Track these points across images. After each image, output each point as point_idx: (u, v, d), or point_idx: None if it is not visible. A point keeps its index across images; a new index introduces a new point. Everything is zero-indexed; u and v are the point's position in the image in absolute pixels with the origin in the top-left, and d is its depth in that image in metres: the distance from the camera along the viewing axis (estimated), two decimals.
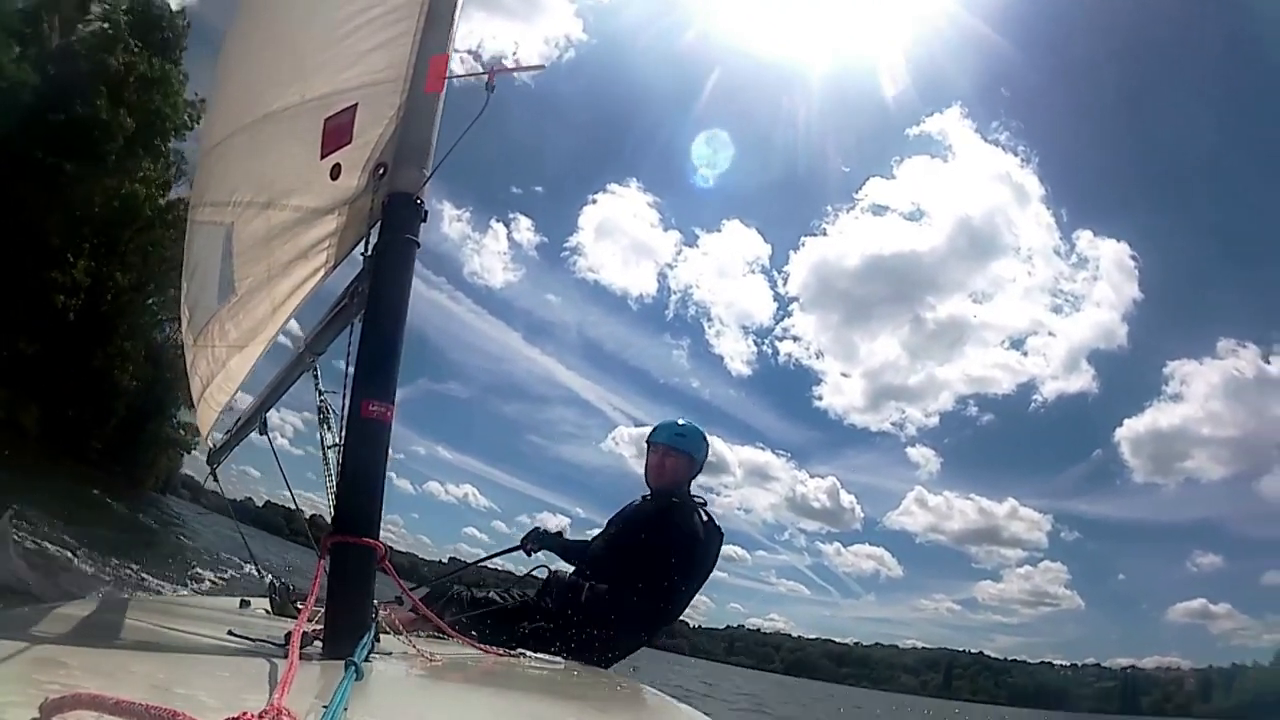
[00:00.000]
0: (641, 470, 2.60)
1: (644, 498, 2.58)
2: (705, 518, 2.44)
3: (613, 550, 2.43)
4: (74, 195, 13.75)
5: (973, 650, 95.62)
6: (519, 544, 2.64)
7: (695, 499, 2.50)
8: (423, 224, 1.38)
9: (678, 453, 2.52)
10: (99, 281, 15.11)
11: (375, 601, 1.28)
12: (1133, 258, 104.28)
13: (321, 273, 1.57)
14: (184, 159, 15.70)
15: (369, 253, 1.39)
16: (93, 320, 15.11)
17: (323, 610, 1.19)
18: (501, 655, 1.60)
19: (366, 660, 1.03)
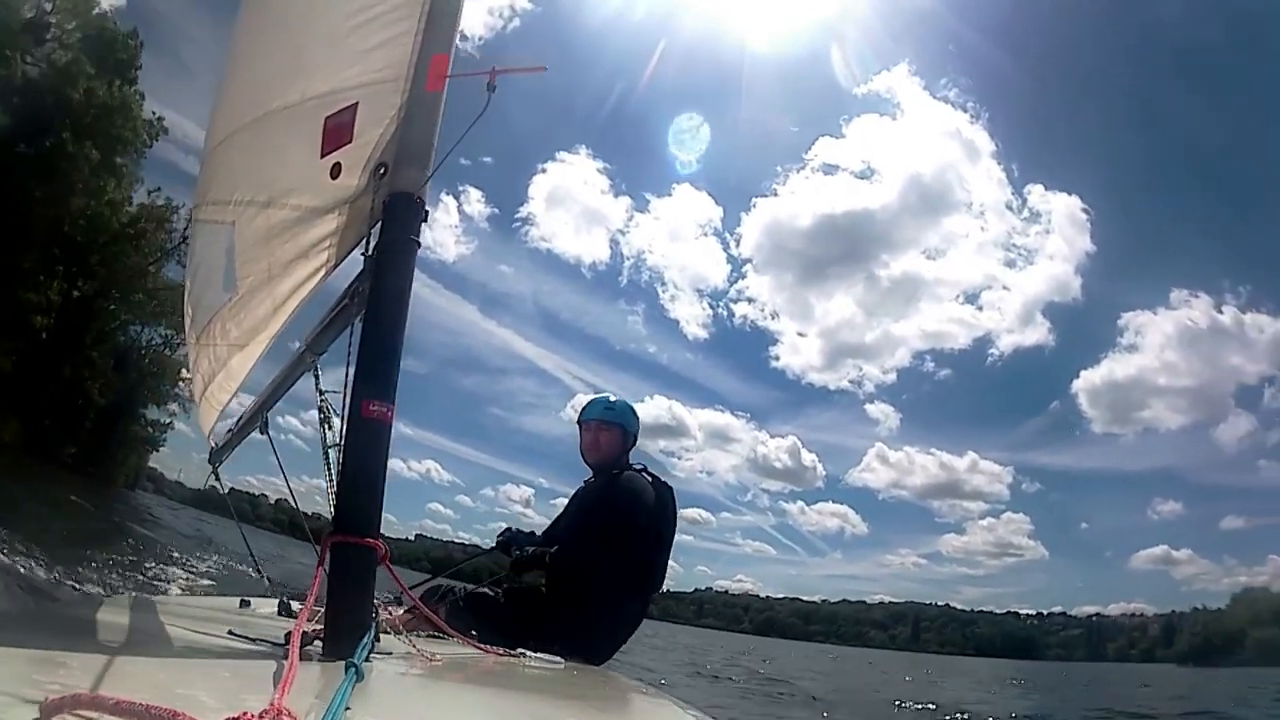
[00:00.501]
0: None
1: (586, 481, 2.62)
2: (650, 477, 2.48)
3: (575, 534, 2.43)
4: (44, 219, 15.01)
5: (940, 603, 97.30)
6: (494, 546, 2.62)
7: (635, 466, 2.54)
8: (424, 224, 1.38)
9: (610, 425, 2.58)
10: (67, 296, 16.28)
11: (375, 601, 1.28)
12: (1084, 211, 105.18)
13: (322, 272, 1.57)
14: (141, 177, 17.07)
15: (369, 252, 1.39)
16: (62, 333, 16.30)
17: (323, 610, 1.19)
18: (501, 655, 1.59)
19: (367, 660, 1.03)
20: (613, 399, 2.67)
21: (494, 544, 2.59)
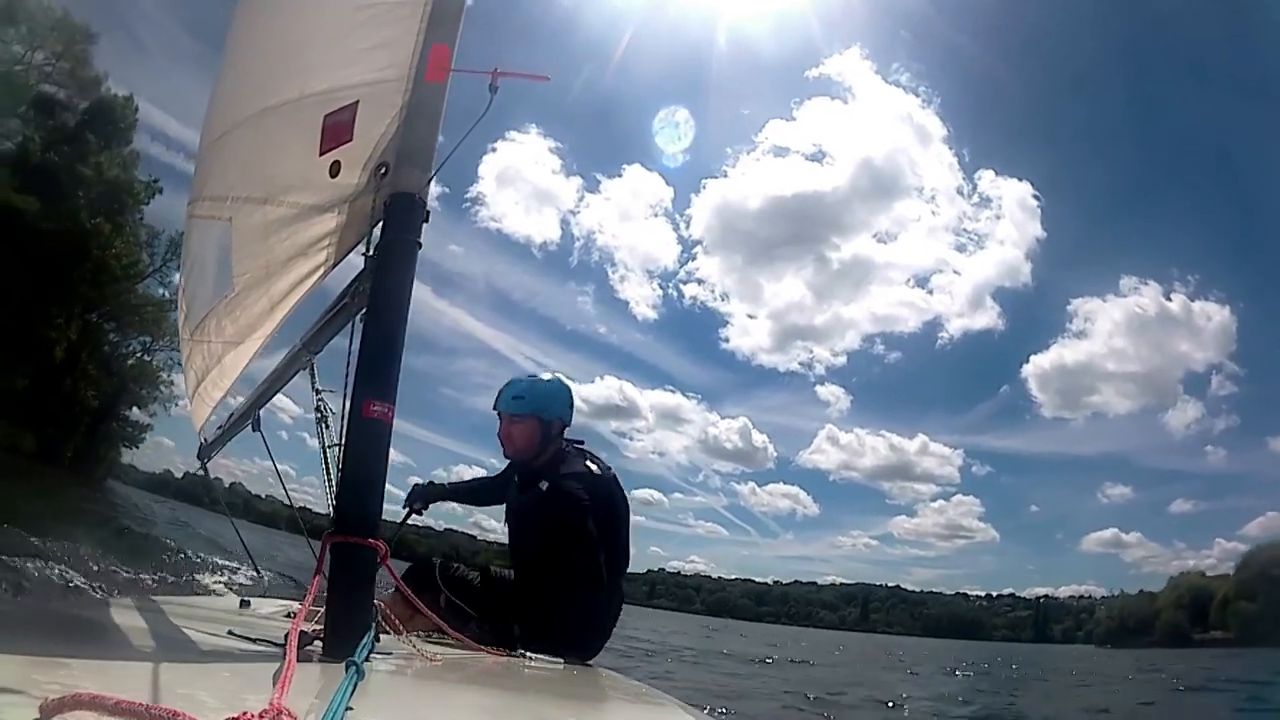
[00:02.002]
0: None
1: (517, 475, 2.39)
2: (587, 468, 2.22)
3: (521, 555, 2.29)
4: (63, 275, 18.04)
5: (890, 584, 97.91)
6: (404, 505, 2.49)
7: (573, 446, 2.30)
8: (424, 224, 1.37)
9: (520, 417, 2.27)
10: (76, 326, 19.56)
11: (375, 601, 1.28)
12: (1035, 197, 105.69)
13: (321, 271, 1.56)
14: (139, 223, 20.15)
15: (370, 252, 1.38)
16: (69, 353, 19.32)
17: (323, 610, 1.18)
18: (501, 655, 1.60)
19: (367, 660, 1.03)
20: (526, 381, 2.34)
21: (405, 501, 2.50)
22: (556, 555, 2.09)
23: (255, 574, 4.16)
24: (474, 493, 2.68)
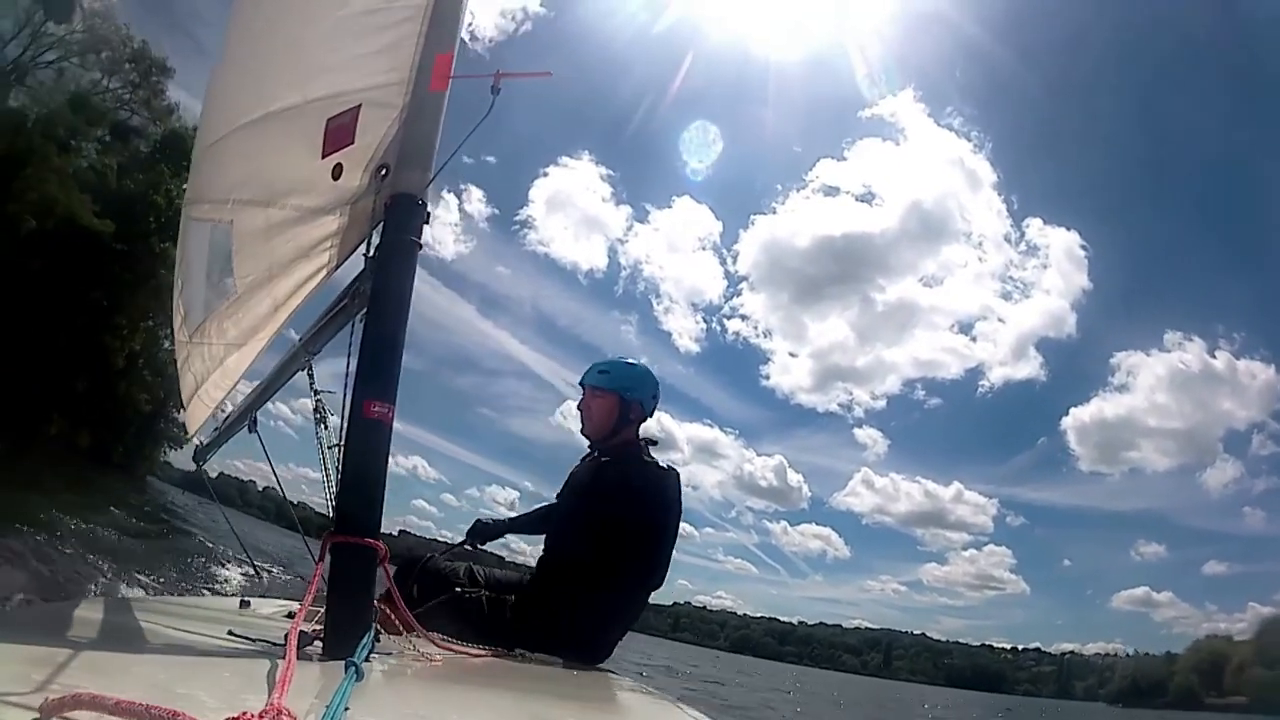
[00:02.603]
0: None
1: (583, 458, 2.33)
2: (649, 461, 2.17)
3: (557, 535, 2.21)
4: (132, 292, 19.47)
5: (916, 631, 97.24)
6: (463, 541, 2.45)
7: (642, 442, 2.23)
8: (425, 225, 1.38)
9: (602, 391, 2.23)
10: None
11: (375, 601, 1.28)
12: (1083, 247, 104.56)
13: (324, 272, 1.57)
14: None
15: (371, 253, 1.39)
16: (126, 359, 20.64)
17: (323, 610, 1.19)
18: (502, 655, 1.60)
19: (366, 660, 1.03)
20: (614, 360, 2.30)
21: (466, 537, 2.44)
22: (590, 529, 2.02)
23: (254, 573, 4.16)
24: (534, 523, 2.52)
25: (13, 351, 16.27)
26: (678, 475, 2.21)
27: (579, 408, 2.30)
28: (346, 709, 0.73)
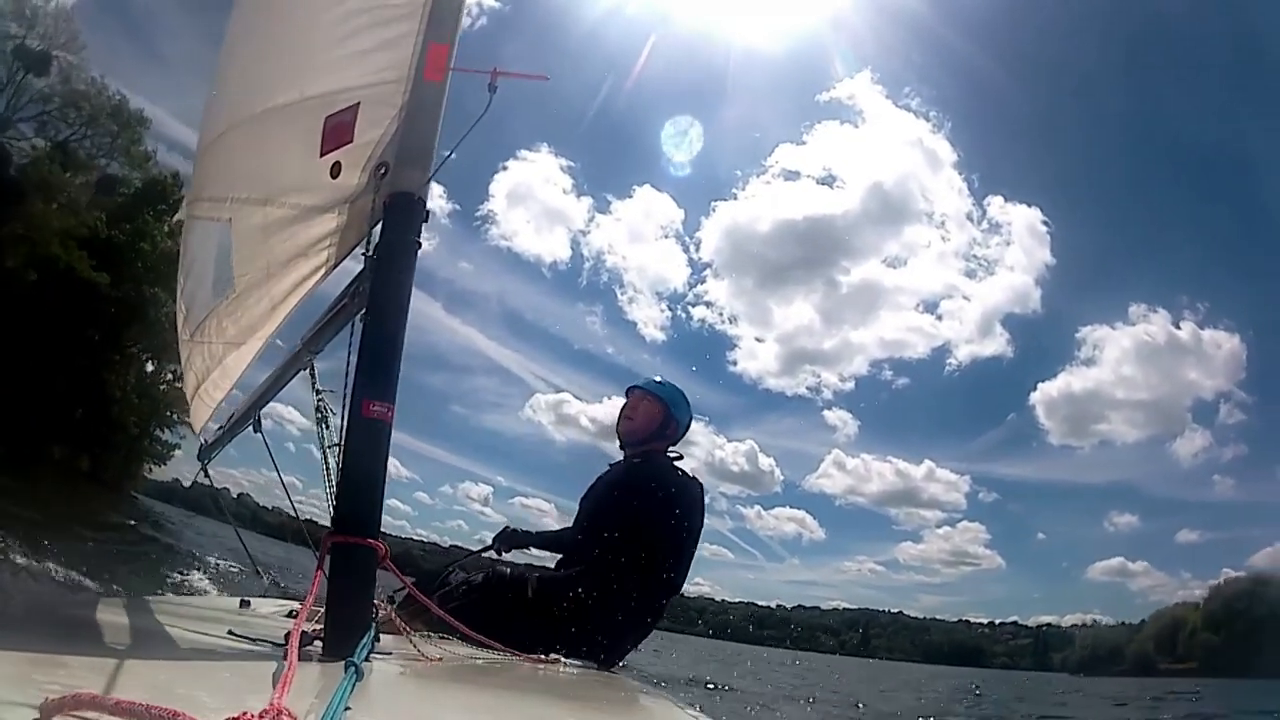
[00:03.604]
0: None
1: (611, 465, 2.42)
2: (680, 472, 2.26)
3: (582, 529, 2.23)
4: (127, 331, 21.52)
5: (893, 610, 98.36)
6: (490, 545, 2.49)
7: (670, 455, 2.33)
8: (424, 224, 1.37)
9: (653, 398, 2.35)
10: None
11: (375, 601, 1.28)
12: (1044, 223, 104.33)
13: (322, 271, 1.56)
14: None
15: (370, 252, 1.38)
16: (120, 389, 22.45)
17: (323, 610, 1.19)
18: (503, 655, 1.59)
19: (366, 660, 1.03)
20: (660, 379, 2.47)
21: (493, 541, 2.49)
22: (620, 528, 2.06)
23: (256, 574, 4.17)
24: (553, 543, 2.55)
25: (19, 387, 18.00)
26: (703, 486, 2.28)
27: (625, 409, 2.39)
28: (347, 709, 0.73)
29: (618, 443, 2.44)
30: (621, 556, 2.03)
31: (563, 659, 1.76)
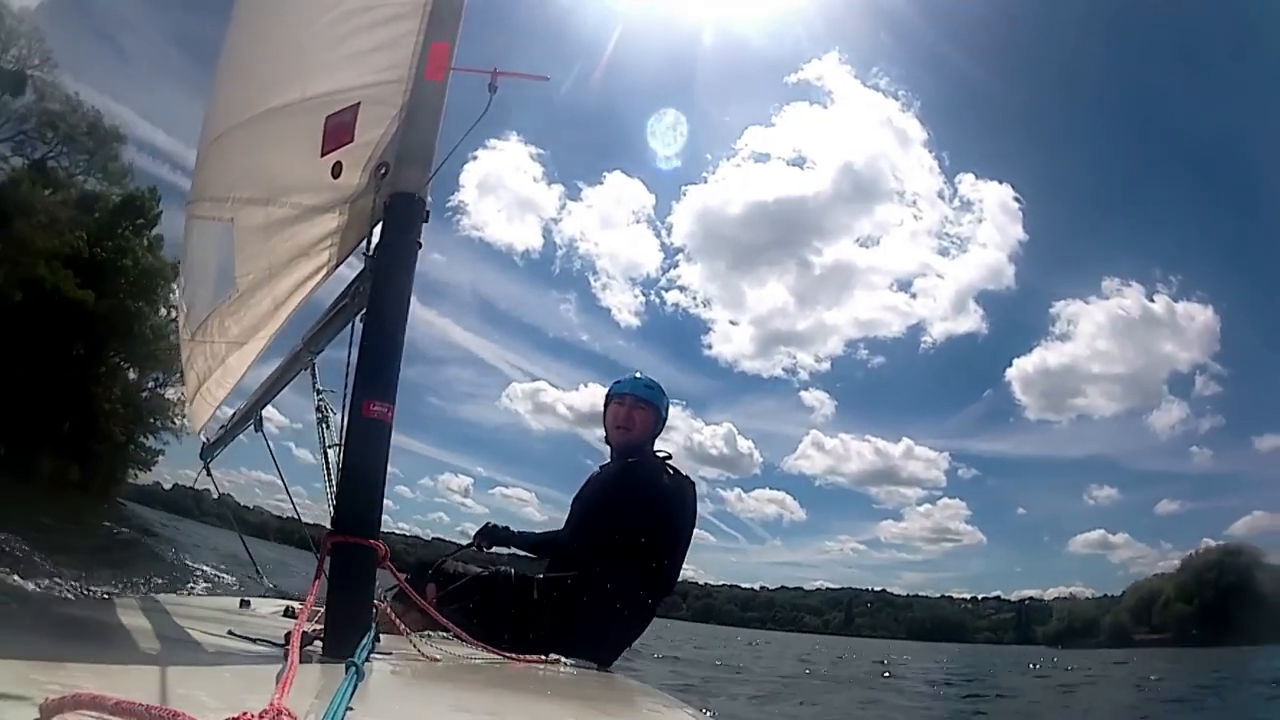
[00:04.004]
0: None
1: (601, 466, 2.40)
2: (671, 471, 2.28)
3: (578, 531, 2.24)
4: (109, 343, 22.55)
5: (876, 588, 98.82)
6: (471, 541, 2.48)
7: (659, 454, 2.33)
8: (425, 224, 1.37)
9: (646, 405, 2.33)
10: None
11: (375, 601, 1.28)
12: (1016, 199, 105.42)
13: (324, 271, 1.56)
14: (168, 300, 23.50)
15: (370, 252, 1.38)
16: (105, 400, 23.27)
17: (323, 610, 1.19)
18: (502, 656, 1.59)
19: (366, 660, 1.03)
20: (646, 377, 2.42)
21: (474, 538, 2.47)
22: (614, 529, 2.07)
23: (257, 575, 4.17)
24: (539, 545, 2.54)
25: (9, 403, 18.87)
26: (694, 484, 2.29)
27: (618, 420, 2.36)
28: (348, 709, 0.73)
29: (609, 449, 2.42)
30: (622, 559, 2.04)
31: (562, 659, 1.76)
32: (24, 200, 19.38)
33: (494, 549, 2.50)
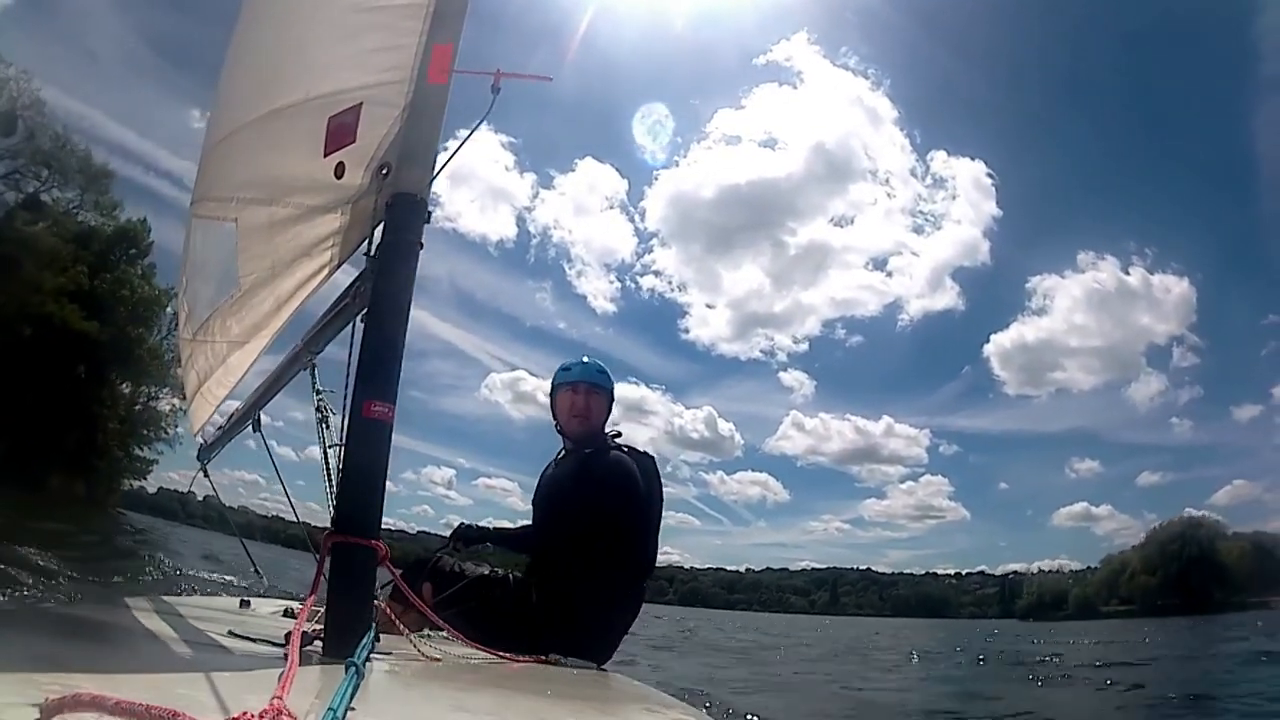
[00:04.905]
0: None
1: (555, 461, 2.35)
2: (627, 450, 2.23)
3: (548, 532, 2.21)
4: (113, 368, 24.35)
5: (862, 567, 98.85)
6: (447, 544, 2.43)
7: (614, 438, 2.30)
8: (426, 224, 1.38)
9: (600, 391, 2.29)
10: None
11: (375, 601, 1.28)
12: (989, 176, 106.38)
13: (326, 271, 1.57)
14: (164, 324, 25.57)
15: (371, 252, 1.39)
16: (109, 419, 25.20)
17: (323, 610, 1.18)
18: (502, 656, 1.59)
19: (366, 660, 1.03)
20: (596, 362, 2.37)
21: (449, 540, 2.43)
22: (595, 523, 2.03)
23: (257, 575, 4.17)
24: (514, 540, 2.55)
25: (21, 426, 20.42)
26: (653, 458, 2.26)
27: (572, 409, 2.30)
28: (350, 709, 0.73)
29: (563, 439, 2.36)
30: (603, 555, 2.02)
31: (562, 659, 1.76)
32: (30, 242, 20.92)
33: (472, 547, 2.48)
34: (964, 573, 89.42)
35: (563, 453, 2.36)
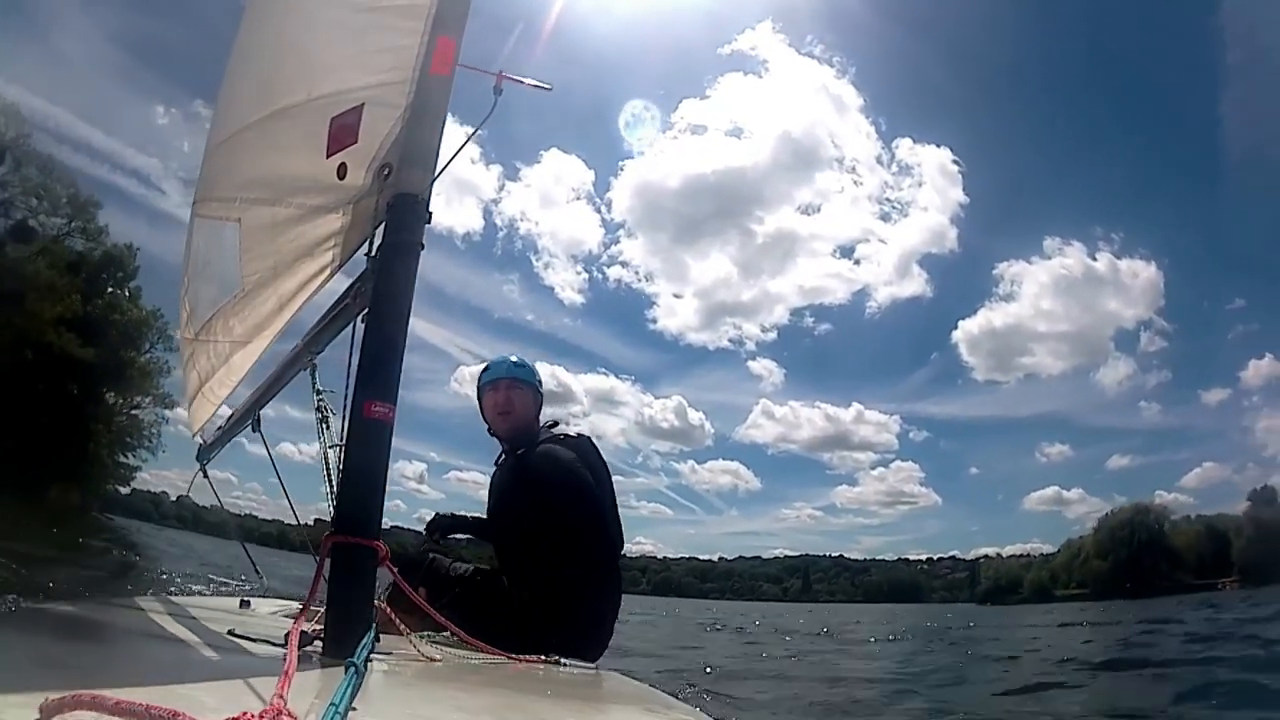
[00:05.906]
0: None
1: (496, 465, 2.33)
2: (563, 437, 2.22)
3: (507, 540, 2.20)
4: (105, 385, 26.06)
5: (834, 554, 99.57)
6: (426, 539, 2.43)
7: (548, 425, 2.29)
8: (426, 225, 1.38)
9: (523, 385, 2.28)
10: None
11: (375, 601, 1.28)
12: (955, 163, 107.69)
13: (327, 271, 1.57)
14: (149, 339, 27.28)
15: (372, 253, 1.39)
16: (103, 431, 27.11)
17: (323, 610, 1.19)
18: (502, 656, 1.59)
19: (367, 660, 1.03)
20: (516, 357, 2.35)
21: (426, 531, 2.43)
22: (543, 522, 2.02)
23: (256, 575, 4.17)
24: (485, 529, 2.52)
25: (22, 441, 21.71)
26: (590, 439, 2.25)
27: (495, 407, 2.28)
28: (352, 709, 0.73)
29: (498, 442, 2.33)
30: (567, 548, 2.01)
31: (561, 659, 1.75)
32: (30, 275, 22.34)
33: (450, 536, 2.49)
34: (935, 558, 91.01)
35: (501, 455, 2.35)
